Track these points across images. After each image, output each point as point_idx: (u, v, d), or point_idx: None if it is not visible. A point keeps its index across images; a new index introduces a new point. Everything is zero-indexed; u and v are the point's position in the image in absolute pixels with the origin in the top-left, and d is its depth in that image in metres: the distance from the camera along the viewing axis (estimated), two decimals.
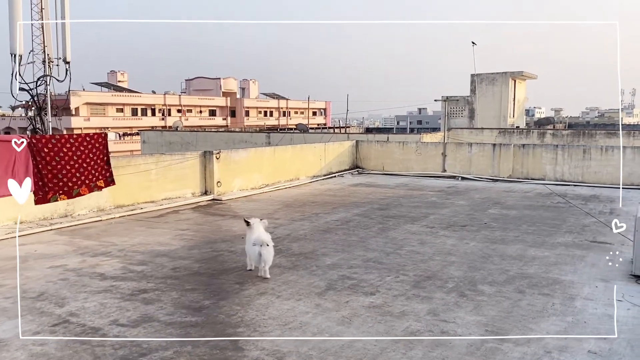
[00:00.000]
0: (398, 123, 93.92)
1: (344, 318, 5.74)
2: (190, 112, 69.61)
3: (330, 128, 53.04)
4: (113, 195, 11.72)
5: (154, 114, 65.30)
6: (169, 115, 65.37)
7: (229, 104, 74.18)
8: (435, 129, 43.91)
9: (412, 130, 54.02)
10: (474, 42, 36.12)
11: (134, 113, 63.19)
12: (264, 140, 26.81)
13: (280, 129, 48.68)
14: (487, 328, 5.50)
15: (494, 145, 18.99)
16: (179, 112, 67.37)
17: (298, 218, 11.40)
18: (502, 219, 11.31)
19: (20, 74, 18.49)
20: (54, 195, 6.71)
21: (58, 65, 19.59)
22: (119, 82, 69.93)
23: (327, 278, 7.14)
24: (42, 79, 19.19)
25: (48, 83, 19.19)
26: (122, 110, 61.97)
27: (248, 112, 76.50)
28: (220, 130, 43.30)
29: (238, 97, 78.08)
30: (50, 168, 6.57)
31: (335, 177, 18.92)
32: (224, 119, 72.76)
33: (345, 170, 19.98)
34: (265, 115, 79.49)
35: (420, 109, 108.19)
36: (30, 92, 18.99)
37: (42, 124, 19.57)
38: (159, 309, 5.97)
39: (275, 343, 5.10)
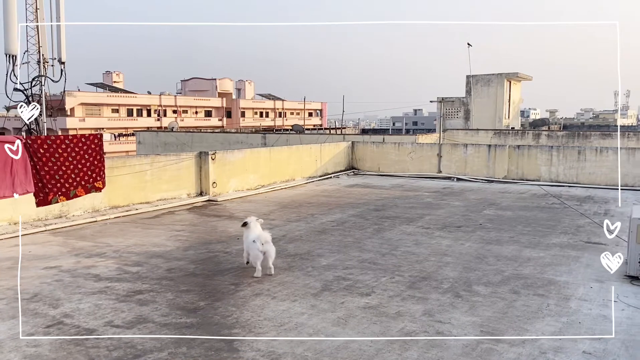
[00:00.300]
0: (394, 124, 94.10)
1: (340, 319, 5.74)
2: (186, 112, 69.48)
3: (326, 129, 53.07)
4: (108, 196, 11.68)
5: (150, 115, 65.14)
6: (165, 116, 65.22)
7: (225, 105, 74.07)
8: (431, 130, 43.99)
9: (407, 131, 54.14)
10: (470, 43, 36.20)
11: (130, 114, 63.01)
12: (260, 141, 26.77)
13: (276, 130, 48.68)
14: (482, 329, 5.50)
15: (489, 147, 19.03)
16: (175, 112, 67.23)
17: (294, 219, 11.39)
18: (497, 220, 11.34)
19: (15, 75, 18.40)
20: (55, 197, 6.69)
21: (53, 66, 19.53)
22: (115, 82, 69.73)
23: (322, 279, 7.14)
24: (36, 80, 19.13)
25: (43, 83, 19.12)
26: (117, 111, 61.78)
27: (244, 112, 76.41)
28: (216, 131, 43.22)
29: (234, 97, 77.97)
30: (47, 169, 6.55)
31: (331, 178, 18.93)
32: (220, 120, 72.65)
33: (341, 171, 19.99)
34: (261, 116, 79.43)
35: (416, 110, 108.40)
36: (25, 92, 18.92)
37: (36, 125, 19.49)
38: (154, 310, 5.96)
39: (271, 344, 5.10)
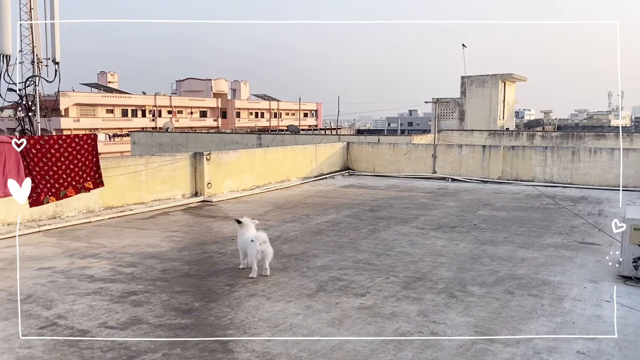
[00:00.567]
0: (389, 125, 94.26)
1: (335, 319, 5.74)
2: (181, 113, 69.32)
3: (322, 129, 53.09)
4: (102, 197, 11.64)
5: (145, 115, 64.96)
6: (160, 117, 65.03)
7: (220, 105, 73.95)
8: (426, 131, 44.10)
9: (402, 132, 54.20)
10: (464, 44, 36.32)
11: (124, 114, 62.81)
12: (255, 142, 26.73)
13: (272, 131, 48.66)
14: (476, 329, 5.52)
15: (484, 147, 19.09)
16: (170, 113, 67.06)
17: (289, 219, 11.38)
18: (491, 220, 11.37)
19: (9, 75, 18.32)
20: (46, 197, 6.67)
21: (47, 66, 19.47)
22: (109, 83, 69.49)
23: (317, 279, 7.14)
24: (30, 80, 19.06)
25: (37, 84, 19.05)
26: (112, 112, 61.58)
27: (239, 113, 76.32)
28: (211, 132, 43.16)
29: (229, 98, 77.87)
30: (39, 169, 6.53)
31: (326, 178, 18.93)
32: (215, 120, 72.52)
33: (336, 172, 20.00)
34: (257, 117, 79.35)
35: (411, 111, 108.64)
36: (19, 92, 18.84)
37: (30, 125, 19.42)
38: (148, 311, 5.94)
39: (265, 345, 5.09)
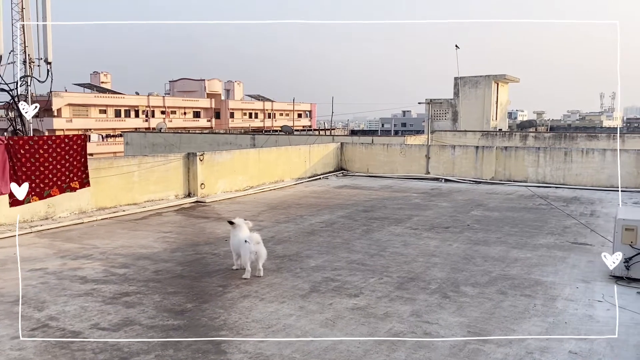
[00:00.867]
0: (383, 125, 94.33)
1: (328, 320, 5.74)
2: (174, 113, 69.13)
3: (315, 130, 53.06)
4: (95, 198, 11.58)
5: (138, 116, 64.73)
6: (153, 117, 64.84)
7: (214, 106, 73.81)
8: (420, 132, 44.19)
9: (396, 133, 54.30)
10: (457, 45, 36.40)
11: (117, 114, 62.57)
12: (249, 142, 26.69)
13: (265, 131, 48.60)
14: (469, 329, 5.53)
15: (477, 148, 19.15)
16: (163, 113, 66.87)
17: (282, 220, 11.37)
18: (484, 221, 11.40)
19: (1, 75, 18.20)
20: (28, 197, 6.62)
21: (39, 66, 19.35)
22: (102, 83, 69.17)
23: (311, 280, 7.13)
24: (22, 80, 18.93)
25: (29, 84, 18.93)
26: (105, 112, 61.31)
27: (233, 113, 76.21)
28: (205, 132, 43.04)
29: (223, 98, 77.75)
30: (25, 169, 6.48)
31: (320, 179, 18.93)
32: (209, 121, 72.37)
33: (330, 172, 20.00)
34: (250, 117, 79.27)
35: (405, 112, 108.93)
36: (11, 92, 18.72)
37: (22, 125, 19.30)
38: (141, 313, 5.91)
39: (259, 346, 5.08)
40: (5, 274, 7.28)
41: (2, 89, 18.32)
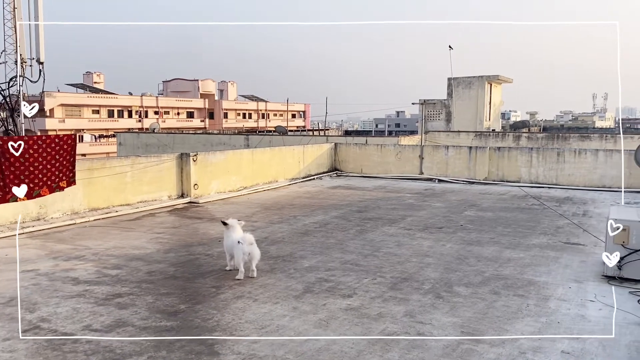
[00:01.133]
0: (377, 126, 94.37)
1: (321, 321, 5.73)
2: (168, 114, 68.93)
3: (309, 130, 53.05)
4: (87, 198, 11.52)
5: (131, 116, 64.51)
6: (146, 117, 64.62)
7: (207, 106, 73.66)
8: (413, 132, 44.23)
9: (390, 133, 54.37)
10: (451, 46, 36.48)
11: (111, 115, 62.32)
12: (243, 143, 26.66)
13: (259, 131, 48.55)
14: (462, 329, 5.54)
15: (470, 148, 19.20)
16: (156, 113, 66.65)
17: (276, 221, 11.36)
18: (478, 221, 11.43)
19: None
20: (14, 196, 6.57)
21: (31, 66, 19.23)
22: (95, 83, 68.87)
23: (304, 281, 7.12)
24: (14, 80, 18.82)
25: (21, 84, 18.82)
26: (98, 112, 61.05)
27: (226, 114, 76.07)
28: (198, 132, 42.98)
29: (216, 99, 77.58)
30: (14, 169, 6.43)
31: (314, 179, 18.92)
32: (202, 121, 72.22)
33: (324, 173, 20.00)
34: (244, 118, 79.16)
35: (399, 112, 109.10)
36: (2, 93, 18.61)
37: (14, 126, 19.19)
38: (134, 314, 5.88)
39: (252, 347, 5.06)
40: None
41: None
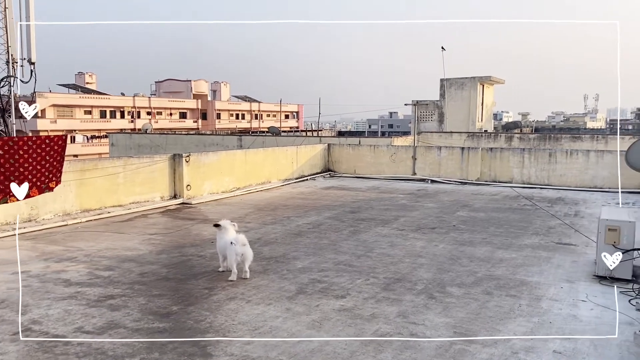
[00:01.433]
0: (370, 127, 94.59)
1: (315, 322, 5.73)
2: (160, 114, 68.64)
3: (303, 131, 53.03)
4: (79, 199, 11.46)
5: (123, 117, 64.18)
6: (139, 118, 64.34)
7: (200, 107, 73.44)
8: (406, 133, 44.32)
9: (383, 134, 54.46)
10: (444, 47, 36.57)
11: (103, 115, 61.97)
12: (236, 143, 26.60)
13: (252, 132, 48.45)
14: (455, 330, 5.55)
15: (463, 149, 19.28)
16: (149, 114, 66.36)
17: (269, 221, 11.34)
18: (470, 222, 11.47)
19: None
20: (4, 198, 6.51)
21: (22, 66, 19.08)
22: (87, 83, 68.47)
23: (297, 282, 7.12)
24: (5, 80, 18.68)
25: (12, 84, 18.67)
26: (90, 113, 60.67)
27: (219, 114, 75.87)
28: (191, 133, 42.84)
29: (209, 99, 77.37)
30: (4, 170, 6.37)
31: (307, 180, 18.92)
32: (195, 122, 71.99)
33: (317, 174, 20.00)
34: (237, 118, 78.98)
35: (392, 113, 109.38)
36: None
37: (5, 126, 19.04)
38: (126, 315, 5.86)
39: (245, 348, 5.05)
40: None
41: None
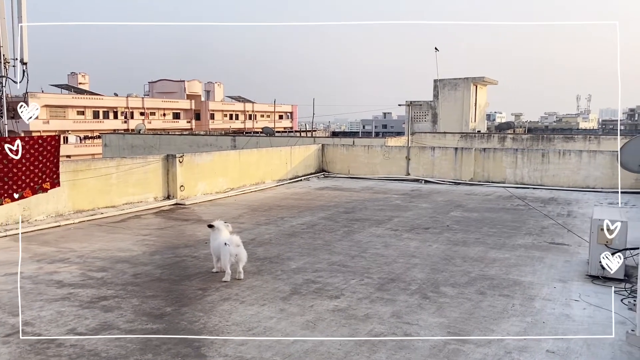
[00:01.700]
0: (364, 127, 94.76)
1: (309, 322, 5.73)
2: (154, 115, 68.38)
3: (297, 132, 53.01)
4: (72, 200, 11.40)
5: (116, 117, 63.90)
6: (132, 118, 64.06)
7: (194, 107, 73.23)
8: (400, 133, 44.38)
9: (377, 134, 54.52)
10: (437, 48, 36.67)
11: (96, 116, 61.66)
12: (230, 144, 26.55)
13: (246, 133, 48.40)
14: (449, 330, 5.57)
15: (456, 149, 19.33)
16: (142, 115, 66.11)
17: (263, 222, 11.33)
18: (464, 222, 11.50)
19: None
20: (0, 199, 6.47)
21: (14, 67, 18.96)
22: (80, 84, 68.07)
23: (292, 282, 7.11)
24: None
25: (3, 84, 18.56)
26: (83, 113, 60.35)
27: (213, 115, 75.70)
28: (185, 134, 42.71)
29: (203, 99, 77.18)
30: None
31: (301, 180, 18.91)
32: (189, 122, 71.76)
33: (311, 174, 19.99)
34: (231, 119, 78.81)
35: (386, 114, 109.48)
36: None
37: None
38: (119, 317, 5.83)
39: (239, 349, 5.04)
40: None
41: None
